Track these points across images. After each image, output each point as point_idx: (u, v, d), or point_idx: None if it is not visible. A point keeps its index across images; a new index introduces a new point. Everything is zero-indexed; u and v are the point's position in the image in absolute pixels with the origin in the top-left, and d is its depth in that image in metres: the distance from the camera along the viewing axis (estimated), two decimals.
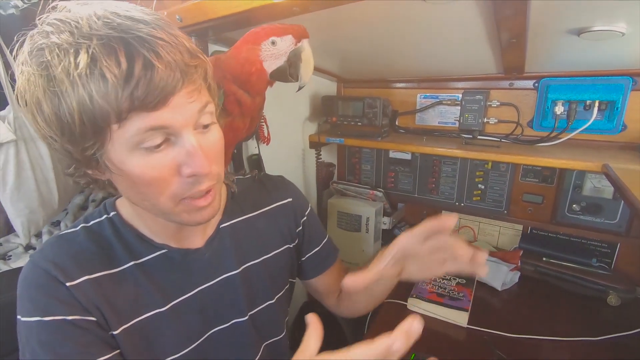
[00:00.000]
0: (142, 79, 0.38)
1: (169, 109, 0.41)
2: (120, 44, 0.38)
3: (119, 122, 0.40)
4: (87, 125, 0.40)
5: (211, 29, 0.75)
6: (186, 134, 0.44)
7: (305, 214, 0.75)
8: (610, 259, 1.11)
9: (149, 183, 0.44)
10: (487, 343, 0.87)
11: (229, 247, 0.63)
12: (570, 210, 1.11)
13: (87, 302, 0.49)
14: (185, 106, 0.43)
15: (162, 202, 0.46)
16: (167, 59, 0.40)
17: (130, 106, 0.39)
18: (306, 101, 1.34)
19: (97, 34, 0.38)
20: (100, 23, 0.39)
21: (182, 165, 0.44)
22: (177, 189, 0.46)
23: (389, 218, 1.34)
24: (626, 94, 0.96)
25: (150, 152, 0.43)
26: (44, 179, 0.99)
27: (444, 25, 0.76)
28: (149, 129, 0.41)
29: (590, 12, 0.62)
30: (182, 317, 0.57)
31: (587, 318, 0.96)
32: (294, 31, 0.61)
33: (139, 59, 0.39)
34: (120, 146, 0.42)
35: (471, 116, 1.13)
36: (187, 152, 0.44)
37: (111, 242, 0.54)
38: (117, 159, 0.43)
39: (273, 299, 0.69)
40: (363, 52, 1.04)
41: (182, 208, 0.48)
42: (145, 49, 0.39)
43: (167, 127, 0.42)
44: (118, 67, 0.38)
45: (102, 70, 0.38)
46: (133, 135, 0.41)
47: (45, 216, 1.02)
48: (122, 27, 0.39)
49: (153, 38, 0.40)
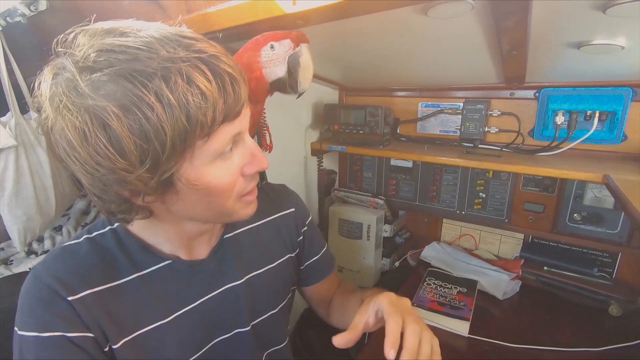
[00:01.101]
0: (231, 93, 0.42)
1: (240, 117, 0.46)
2: (202, 64, 0.40)
3: (206, 137, 0.42)
4: (177, 147, 0.40)
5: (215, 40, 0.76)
6: (246, 137, 0.49)
7: (306, 223, 0.76)
8: (611, 269, 1.11)
9: (224, 189, 0.48)
10: (488, 353, 0.87)
11: (233, 258, 0.63)
12: (572, 220, 1.11)
13: (88, 317, 0.49)
14: (246, 112, 0.48)
15: (229, 204, 0.50)
16: (237, 70, 0.44)
17: (224, 117, 0.42)
18: (308, 109, 1.35)
19: (178, 56, 0.39)
20: (175, 45, 0.40)
21: (246, 165, 0.49)
22: (240, 188, 0.50)
23: (390, 226, 1.34)
24: (626, 104, 0.96)
25: (226, 159, 0.47)
26: (42, 186, 0.99)
27: (446, 37, 0.77)
28: (231, 138, 0.45)
29: (590, 26, 0.63)
30: (185, 328, 0.57)
31: (588, 328, 0.95)
32: (292, 36, 0.61)
33: (224, 75, 0.42)
34: (202, 160, 0.44)
35: (472, 125, 1.14)
36: (251, 153, 0.49)
37: (114, 254, 0.54)
38: (194, 175, 0.44)
39: (276, 308, 0.69)
40: (365, 62, 1.05)
41: (240, 205, 0.52)
42: (222, 65, 0.42)
43: (241, 133, 0.47)
44: (210, 83, 0.40)
45: (200, 88, 0.39)
46: (222, 145, 0.44)
47: (42, 224, 1.02)
48: (193, 48, 0.41)
49: (220, 55, 0.43)
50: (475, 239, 1.33)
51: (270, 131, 1.09)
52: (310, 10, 0.55)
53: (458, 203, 1.29)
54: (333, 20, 0.63)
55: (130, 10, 0.76)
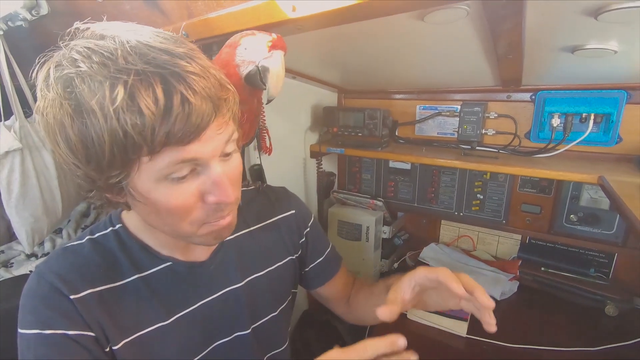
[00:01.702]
0: (179, 115, 0.39)
1: (200, 142, 0.42)
2: (157, 79, 0.38)
3: (151, 155, 0.40)
4: (117, 157, 0.40)
5: (216, 44, 0.77)
6: (213, 164, 0.44)
7: (308, 225, 0.76)
8: (608, 269, 1.12)
9: (173, 211, 0.45)
10: (486, 353, 0.88)
11: (233, 260, 0.64)
12: (568, 221, 1.12)
13: (89, 316, 0.49)
14: (215, 138, 0.43)
15: (183, 228, 0.47)
16: (202, 94, 0.40)
17: (165, 141, 0.39)
18: (308, 112, 1.36)
19: (133, 68, 0.38)
20: (136, 56, 0.39)
21: (207, 194, 0.45)
22: (200, 215, 0.47)
23: (389, 227, 1.35)
24: (621, 107, 0.98)
25: (177, 182, 0.43)
26: (48, 187, 1.00)
27: (442, 41, 0.78)
28: (180, 162, 0.42)
29: (583, 32, 0.64)
30: (185, 331, 0.57)
31: (585, 328, 0.96)
32: (267, 40, 0.59)
33: (177, 95, 0.39)
34: (148, 176, 0.42)
35: (470, 127, 1.15)
36: (213, 182, 0.45)
37: (116, 255, 0.55)
38: (142, 188, 0.44)
39: (276, 311, 0.69)
40: (363, 65, 1.06)
41: (204, 231, 0.49)
42: (181, 85, 0.39)
43: (197, 159, 0.43)
44: (155, 103, 0.38)
45: (139, 106, 0.38)
46: (163, 167, 0.42)
47: (49, 225, 1.03)
48: (158, 62, 0.39)
49: (187, 73, 0.40)
50: (473, 240, 1.35)
51: (270, 134, 1.11)
52: (311, 16, 0.56)
53: (456, 204, 1.30)
54: (333, 26, 0.64)
55: (132, 14, 0.77)
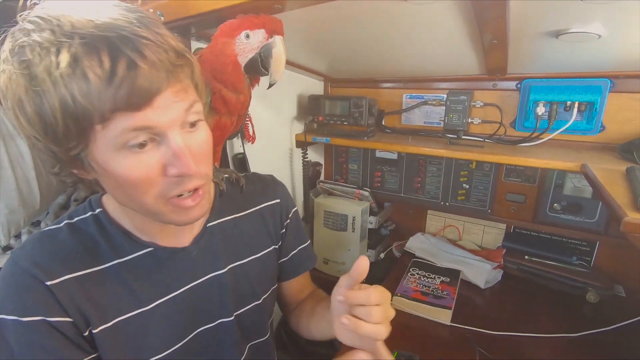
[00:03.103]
0: (125, 79, 0.38)
1: (153, 109, 0.41)
2: (103, 44, 0.37)
3: (102, 123, 0.39)
4: (70, 126, 0.39)
5: (193, 25, 0.74)
6: (172, 134, 0.43)
7: (289, 216, 0.74)
8: (589, 257, 1.14)
9: (134, 183, 0.43)
10: (470, 340, 0.88)
11: (216, 246, 0.62)
12: (552, 210, 1.13)
13: (67, 301, 0.48)
14: (171, 106, 0.42)
15: (148, 202, 0.46)
16: (152, 58, 0.39)
17: (113, 107, 0.38)
18: (293, 100, 1.34)
19: (79, 32, 0.37)
20: (83, 21, 0.38)
21: (168, 166, 0.44)
22: (163, 189, 0.45)
23: (375, 217, 1.35)
24: (604, 95, 0.98)
25: (135, 152, 0.42)
26: (24, 177, 0.96)
27: (428, 25, 0.77)
28: (133, 129, 0.40)
29: (567, 14, 0.63)
30: (168, 316, 0.56)
31: (567, 315, 0.98)
32: (267, 25, 0.61)
33: (123, 59, 0.38)
34: (105, 147, 0.41)
35: (456, 116, 1.14)
36: (174, 153, 0.43)
37: (96, 240, 0.53)
38: (101, 160, 0.42)
39: (260, 299, 0.68)
40: (349, 51, 1.04)
41: (169, 208, 0.47)
42: (128, 49, 0.38)
43: (151, 127, 0.41)
44: (101, 67, 0.37)
45: (84, 70, 0.37)
46: (117, 135, 0.40)
47: (26, 216, 0.99)
48: (105, 26, 0.38)
49: (137, 37, 0.39)
50: (459, 230, 1.35)
51: (254, 122, 1.08)
52: None
53: (442, 194, 1.30)
54: (311, 4, 0.62)
55: None
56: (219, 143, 0.70)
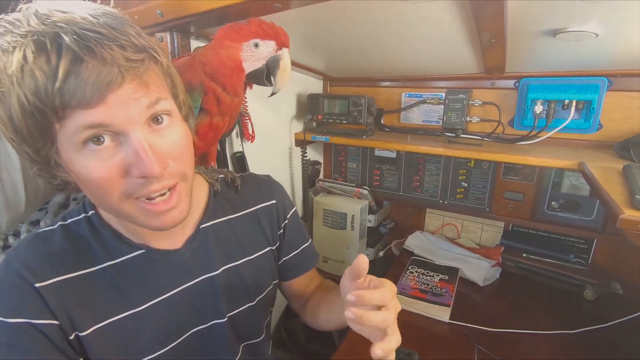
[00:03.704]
0: (70, 74, 0.37)
1: (108, 106, 0.39)
2: (52, 40, 0.37)
3: (59, 122, 0.39)
4: (31, 125, 0.39)
5: (193, 24, 0.74)
6: (133, 133, 0.42)
7: (287, 217, 0.74)
8: (587, 255, 1.14)
9: (97, 184, 0.43)
10: (468, 337, 0.88)
11: (210, 248, 0.62)
12: (550, 208, 1.14)
13: (56, 304, 0.48)
14: (129, 103, 0.41)
15: (114, 203, 0.45)
16: (101, 53, 0.38)
17: (62, 103, 0.38)
18: (293, 99, 1.34)
19: (32, 31, 0.38)
20: (38, 20, 0.39)
21: (130, 166, 0.42)
22: (127, 189, 0.44)
23: (374, 216, 1.35)
24: (602, 94, 0.99)
25: (95, 151, 0.41)
26: (10, 180, 0.94)
27: (426, 24, 0.77)
28: (87, 127, 0.40)
29: (564, 13, 0.64)
30: (160, 318, 0.56)
31: (564, 312, 0.98)
32: (277, 37, 0.60)
33: (68, 55, 0.37)
34: (67, 146, 0.41)
35: (454, 115, 1.15)
36: (134, 152, 0.42)
37: (88, 241, 0.53)
38: (67, 159, 0.42)
39: (254, 301, 0.68)
40: (348, 50, 1.04)
41: (139, 210, 0.46)
42: (75, 44, 0.37)
43: (107, 124, 0.40)
44: (48, 64, 0.37)
45: (31, 69, 0.37)
46: (73, 134, 0.40)
47: (10, 220, 0.97)
48: (57, 24, 0.38)
49: (87, 32, 0.38)
50: (457, 228, 1.36)
51: (253, 121, 1.08)
52: None
53: (441, 193, 1.30)
54: (311, 3, 0.62)
55: None
56: (212, 143, 0.70)
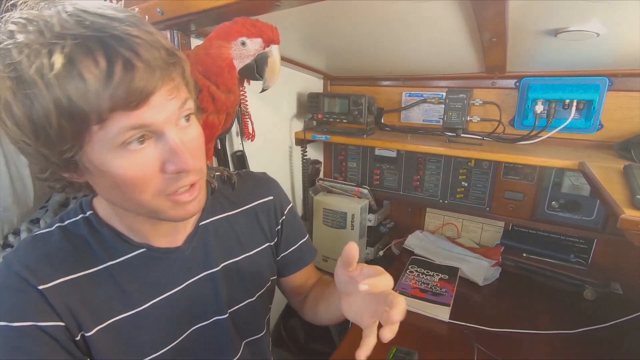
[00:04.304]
0: (123, 79, 0.38)
1: (149, 108, 0.41)
2: (97, 44, 0.37)
3: (100, 123, 0.39)
4: (66, 128, 0.39)
5: (193, 22, 0.74)
6: (168, 132, 0.44)
7: (285, 212, 0.74)
8: (587, 255, 1.14)
9: (132, 182, 0.44)
10: (468, 337, 0.89)
11: (209, 245, 0.63)
12: (550, 207, 1.14)
13: (60, 305, 0.48)
14: (166, 104, 0.43)
15: (145, 200, 0.46)
16: (147, 57, 0.39)
17: (111, 107, 0.38)
18: (293, 98, 1.34)
19: (70, 33, 0.37)
20: (72, 21, 0.38)
21: (166, 163, 0.44)
22: (161, 185, 0.45)
23: (374, 215, 1.35)
24: (603, 93, 0.98)
25: (132, 151, 0.42)
26: (19, 175, 0.96)
27: (427, 23, 0.77)
28: (130, 129, 0.41)
29: (565, 13, 0.63)
30: (162, 316, 0.56)
31: (564, 312, 0.98)
32: (264, 34, 0.61)
33: (118, 59, 0.38)
34: (101, 147, 0.41)
35: (455, 114, 1.15)
36: (171, 149, 0.44)
37: (88, 242, 0.53)
38: (98, 160, 0.42)
39: (254, 297, 0.69)
40: (348, 49, 1.04)
41: (167, 204, 0.47)
42: (123, 48, 0.38)
43: (148, 125, 0.42)
44: (97, 67, 0.37)
45: (80, 71, 0.37)
46: (115, 135, 0.40)
47: (20, 215, 0.99)
48: (96, 26, 0.38)
49: (130, 36, 0.39)
50: (457, 228, 1.36)
51: (254, 120, 1.08)
52: None
53: (441, 192, 1.30)
54: (310, 2, 0.62)
55: None
56: (209, 141, 0.70)
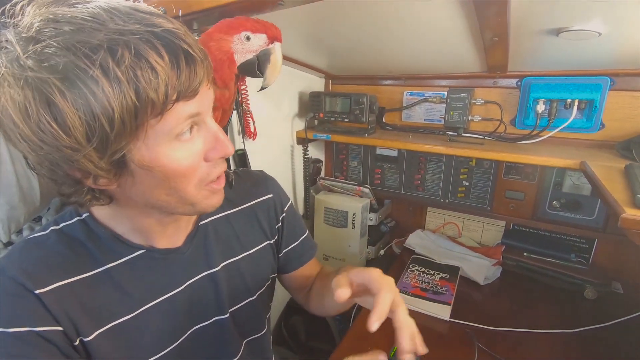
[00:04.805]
0: (186, 70, 0.40)
1: (200, 96, 0.43)
2: (154, 37, 0.38)
3: (161, 114, 0.40)
4: (127, 124, 0.38)
5: (196, 21, 0.74)
6: (209, 120, 0.47)
7: (284, 210, 0.74)
8: (588, 254, 1.14)
9: (184, 173, 0.45)
10: (469, 335, 0.89)
11: (209, 245, 0.62)
12: (551, 207, 1.14)
13: (58, 309, 0.47)
14: (207, 93, 0.45)
15: (190, 191, 0.47)
16: (197, 49, 0.42)
17: (177, 96, 0.40)
18: (294, 97, 1.34)
19: (125, 29, 0.37)
20: (121, 18, 0.38)
21: (210, 150, 0.47)
22: (203, 174, 0.48)
23: (375, 214, 1.35)
24: (604, 93, 0.98)
25: (185, 141, 0.44)
26: (24, 173, 0.96)
27: (429, 22, 0.77)
28: (187, 118, 0.43)
29: (568, 12, 0.64)
30: (163, 317, 0.56)
31: (565, 311, 0.99)
32: (268, 31, 0.61)
33: (179, 51, 0.39)
34: (156, 140, 0.42)
35: (456, 114, 1.15)
36: (214, 137, 0.47)
37: (85, 245, 0.52)
38: (150, 156, 0.42)
39: (254, 295, 0.69)
40: (349, 48, 1.04)
41: (204, 193, 0.49)
42: (181, 42, 0.40)
43: (199, 114, 0.44)
44: (163, 59, 0.38)
45: (151, 64, 0.37)
46: (174, 126, 0.42)
47: (27, 213, 0.99)
48: (146, 22, 0.39)
49: (178, 31, 0.40)
50: (458, 227, 1.36)
51: (255, 119, 1.08)
52: None
53: (442, 191, 1.30)
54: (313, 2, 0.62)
55: None
56: None
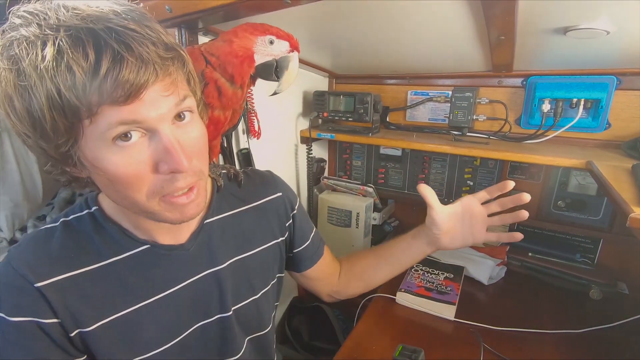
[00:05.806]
0: (110, 71, 0.37)
1: (141, 103, 0.40)
2: (89, 36, 0.37)
3: (90, 117, 0.39)
4: (58, 121, 0.38)
5: (201, 20, 0.74)
6: (162, 129, 0.42)
7: (295, 207, 0.75)
8: (593, 255, 1.14)
9: (125, 180, 0.43)
10: (475, 335, 0.88)
11: (214, 243, 0.62)
12: (556, 207, 1.13)
13: (57, 302, 0.48)
14: (160, 100, 0.42)
15: (140, 200, 0.45)
16: (138, 51, 0.39)
17: (99, 100, 0.38)
18: (299, 97, 1.34)
19: (64, 25, 0.37)
20: (69, 14, 0.38)
21: (160, 162, 0.43)
22: (155, 186, 0.44)
23: (379, 214, 1.35)
24: (610, 92, 0.98)
25: (125, 148, 0.41)
26: (28, 171, 0.97)
27: (434, 21, 0.77)
28: (120, 124, 0.40)
29: (576, 10, 0.63)
30: (165, 312, 0.56)
31: (570, 311, 0.98)
32: (292, 40, 0.63)
33: (108, 52, 0.37)
34: (94, 142, 0.41)
35: (461, 113, 1.14)
36: (164, 148, 0.42)
37: (91, 238, 0.53)
38: (91, 156, 0.42)
39: (258, 294, 0.69)
40: (354, 47, 1.04)
41: (163, 206, 0.46)
42: (114, 41, 0.37)
43: (140, 121, 0.41)
44: (85, 60, 0.37)
45: (68, 63, 0.36)
46: (104, 130, 0.40)
47: (30, 210, 1.00)
48: (91, 18, 0.38)
49: (123, 29, 0.38)
50: None
51: (259, 118, 1.08)
52: None
53: (446, 191, 1.30)
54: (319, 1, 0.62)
55: None
56: (214, 138, 0.70)
